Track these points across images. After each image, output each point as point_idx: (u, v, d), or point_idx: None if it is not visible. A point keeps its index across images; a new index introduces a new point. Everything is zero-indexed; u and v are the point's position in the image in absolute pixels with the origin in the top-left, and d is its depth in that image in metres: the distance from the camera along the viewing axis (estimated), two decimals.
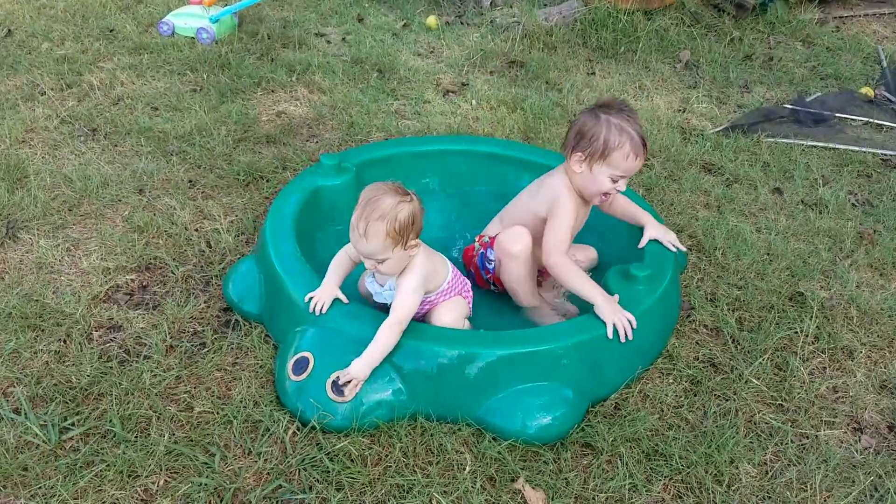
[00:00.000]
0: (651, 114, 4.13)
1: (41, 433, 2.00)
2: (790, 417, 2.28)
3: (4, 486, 1.88)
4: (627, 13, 5.15)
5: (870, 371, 2.49)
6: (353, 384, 2.07)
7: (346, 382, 2.08)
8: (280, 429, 2.09)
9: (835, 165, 3.77)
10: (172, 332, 2.40)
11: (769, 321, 2.63)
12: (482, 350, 2.14)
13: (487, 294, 2.64)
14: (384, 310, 2.32)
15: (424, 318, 2.32)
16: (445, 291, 2.30)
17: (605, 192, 2.46)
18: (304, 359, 2.16)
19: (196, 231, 2.88)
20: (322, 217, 2.83)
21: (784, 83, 4.77)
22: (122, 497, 1.87)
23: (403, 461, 2.03)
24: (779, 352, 2.52)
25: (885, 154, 3.90)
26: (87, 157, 3.25)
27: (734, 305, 2.72)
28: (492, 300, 2.62)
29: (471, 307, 2.40)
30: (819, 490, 2.04)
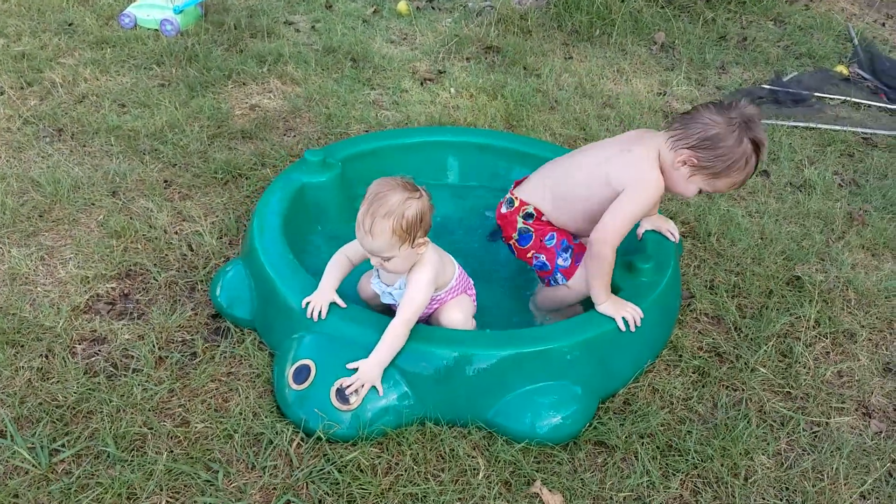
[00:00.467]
0: (632, 98, 4.08)
1: (30, 457, 1.88)
2: (800, 405, 2.26)
3: None
4: None
5: (872, 354, 2.48)
6: (364, 388, 1.99)
7: (353, 390, 1.99)
8: (284, 441, 2.00)
9: (818, 146, 3.77)
10: (160, 343, 2.28)
11: (770, 307, 2.61)
12: (490, 351, 2.07)
13: (490, 291, 2.55)
14: (387, 311, 2.24)
15: (431, 317, 2.24)
16: (453, 289, 2.23)
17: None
18: (306, 367, 2.06)
19: (176, 234, 2.76)
20: (309, 215, 2.73)
21: (760, 63, 4.77)
22: None
23: (415, 469, 1.95)
24: (782, 338, 2.50)
25: (866, 133, 3.91)
26: (55, 160, 3.09)
27: (733, 292, 2.69)
28: (498, 298, 2.55)
29: (475, 304, 2.32)
30: (835, 479, 2.02)
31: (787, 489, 1.99)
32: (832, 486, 2.00)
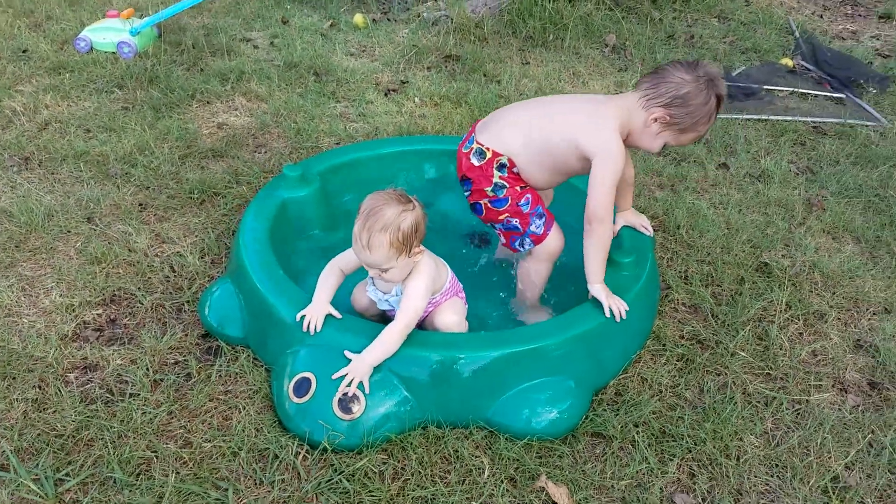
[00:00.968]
0: None
1: (36, 488, 1.86)
2: (780, 385, 2.36)
3: None
4: (552, 1, 5.21)
5: (843, 332, 2.60)
6: (354, 382, 2.02)
7: (353, 399, 2.02)
8: (289, 454, 2.02)
9: (771, 136, 3.92)
10: (154, 366, 2.28)
11: (743, 294, 2.72)
12: (484, 352, 2.12)
13: (473, 296, 2.61)
14: (382, 320, 2.27)
15: (426, 320, 2.29)
16: (447, 291, 2.28)
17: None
18: (306, 380, 2.09)
19: (157, 256, 2.75)
20: (291, 230, 2.75)
21: (708, 60, 4.92)
22: None
23: (421, 472, 1.99)
24: (757, 322, 2.61)
25: (815, 121, 4.09)
26: (25, 189, 3.05)
27: (707, 281, 2.80)
28: (482, 302, 2.60)
29: (466, 305, 2.38)
30: (821, 453, 2.13)
31: (777, 466, 2.09)
32: (818, 460, 2.11)
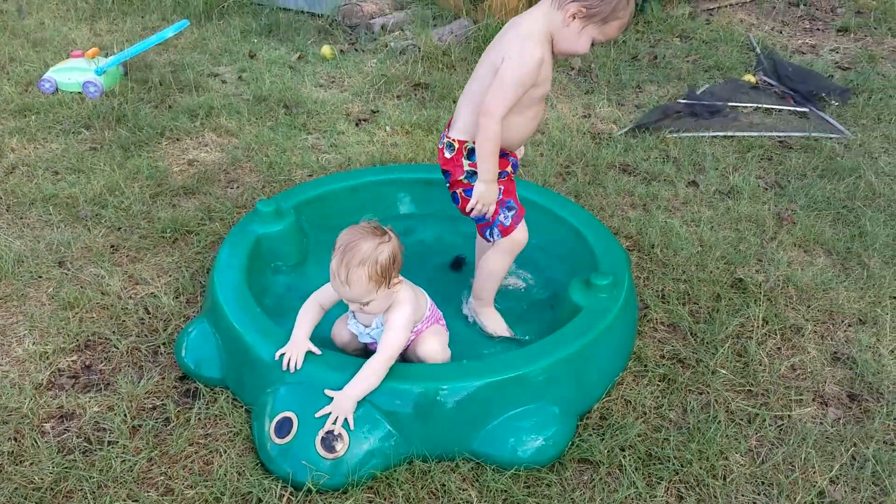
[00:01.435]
0: (561, 123, 4.23)
1: None
2: (762, 401, 2.38)
3: None
4: None
5: (820, 345, 2.63)
6: (339, 420, 2.00)
7: (337, 436, 2.00)
8: (273, 497, 1.98)
9: (738, 152, 3.98)
10: (132, 412, 2.23)
11: (720, 311, 2.74)
12: (468, 381, 2.11)
13: (453, 320, 2.61)
14: (364, 354, 2.26)
15: (408, 349, 2.27)
16: (428, 319, 2.28)
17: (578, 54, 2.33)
18: (287, 419, 2.06)
19: (131, 299, 2.71)
20: (267, 266, 2.73)
21: (673, 79, 5.01)
22: None
23: None
24: (735, 339, 2.63)
25: (781, 136, 4.16)
26: None
27: (684, 299, 2.82)
28: (462, 326, 2.60)
29: (447, 332, 2.37)
30: (805, 468, 2.14)
31: (764, 483, 2.09)
32: (803, 476, 2.12)
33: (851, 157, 3.90)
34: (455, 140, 2.41)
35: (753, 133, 4.18)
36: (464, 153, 2.40)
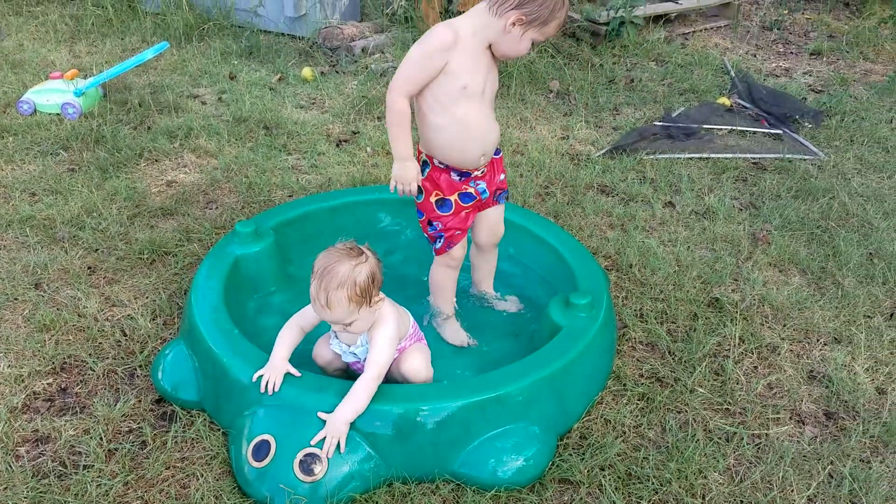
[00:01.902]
0: (540, 144, 4.27)
1: None
2: (740, 420, 2.39)
3: None
4: None
5: (796, 364, 2.66)
6: (334, 445, 2.00)
7: (315, 459, 1.99)
8: None
9: (713, 174, 4.03)
10: (108, 435, 2.21)
11: (697, 330, 2.76)
12: (448, 402, 2.11)
13: (437, 341, 2.62)
14: (346, 373, 2.25)
15: (391, 367, 2.26)
16: (411, 336, 2.28)
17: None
18: (265, 442, 2.05)
19: (108, 321, 2.69)
20: (245, 287, 2.71)
21: (649, 102, 5.07)
22: None
23: None
24: (713, 358, 2.65)
25: (755, 158, 4.22)
26: None
27: (661, 318, 2.84)
28: (444, 346, 2.61)
29: (429, 351, 2.38)
30: (783, 487, 2.15)
31: (742, 502, 2.10)
32: (781, 495, 2.13)
33: (825, 178, 3.96)
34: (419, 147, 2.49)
35: (728, 155, 4.24)
36: (418, 163, 2.45)
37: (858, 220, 3.57)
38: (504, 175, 2.62)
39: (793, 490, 2.14)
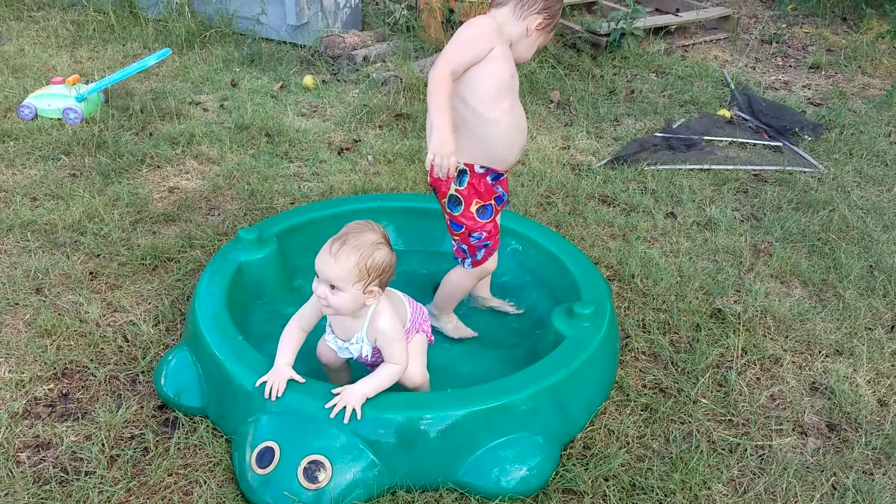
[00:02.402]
0: (541, 154, 4.28)
1: None
2: (743, 431, 2.39)
3: None
4: None
5: (798, 375, 2.66)
6: (348, 410, 2.02)
7: (319, 466, 1.98)
8: None
9: (714, 185, 4.05)
10: (110, 441, 2.20)
11: (700, 340, 2.77)
12: (452, 410, 2.10)
13: (446, 348, 2.64)
14: (347, 376, 2.28)
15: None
16: (413, 321, 2.28)
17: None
18: (269, 449, 2.04)
19: (109, 326, 2.68)
20: (248, 294, 2.71)
21: (649, 113, 5.09)
22: None
23: None
24: (716, 369, 2.65)
25: (755, 169, 4.24)
26: None
27: (664, 329, 2.84)
28: (453, 356, 2.62)
29: (431, 336, 2.38)
30: (787, 499, 2.15)
31: None
32: None
33: (825, 191, 3.98)
34: None
35: (729, 166, 4.25)
36: (453, 175, 2.40)
37: (858, 233, 3.58)
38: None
39: (796, 501, 2.14)
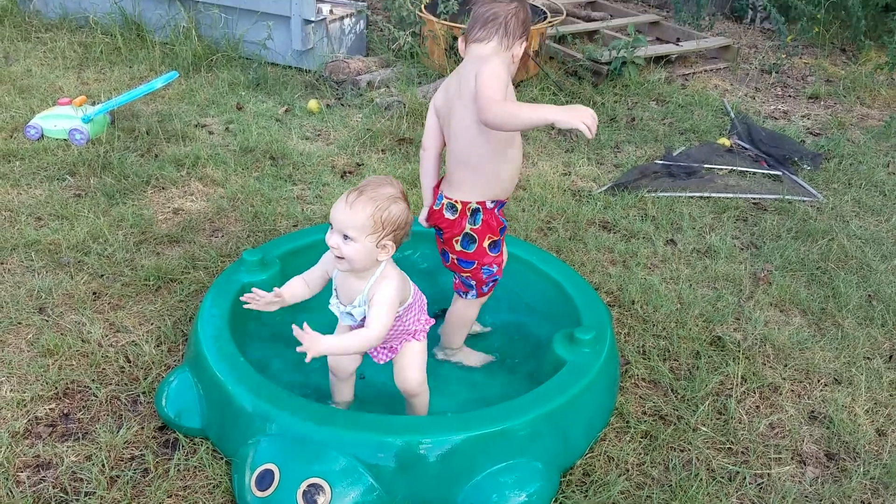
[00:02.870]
0: (542, 179, 4.31)
1: None
2: (742, 459, 2.40)
3: None
4: None
5: (797, 404, 2.67)
6: (309, 353, 1.96)
7: (319, 490, 1.98)
8: None
9: (714, 213, 4.07)
10: (110, 462, 2.20)
11: (700, 368, 2.78)
12: (451, 435, 2.11)
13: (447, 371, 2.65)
14: (349, 385, 2.29)
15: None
16: (411, 306, 2.26)
17: None
18: (269, 472, 2.04)
19: (111, 346, 2.69)
20: (251, 316, 2.71)
21: (650, 140, 5.13)
22: None
23: None
24: (715, 396, 2.66)
25: (755, 198, 4.27)
26: None
27: (664, 356, 2.85)
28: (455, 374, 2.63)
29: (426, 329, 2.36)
30: None
31: None
32: None
33: (824, 220, 4.01)
34: (457, 201, 2.43)
35: (729, 194, 4.28)
36: (467, 214, 2.43)
37: (857, 262, 3.60)
38: None
39: None
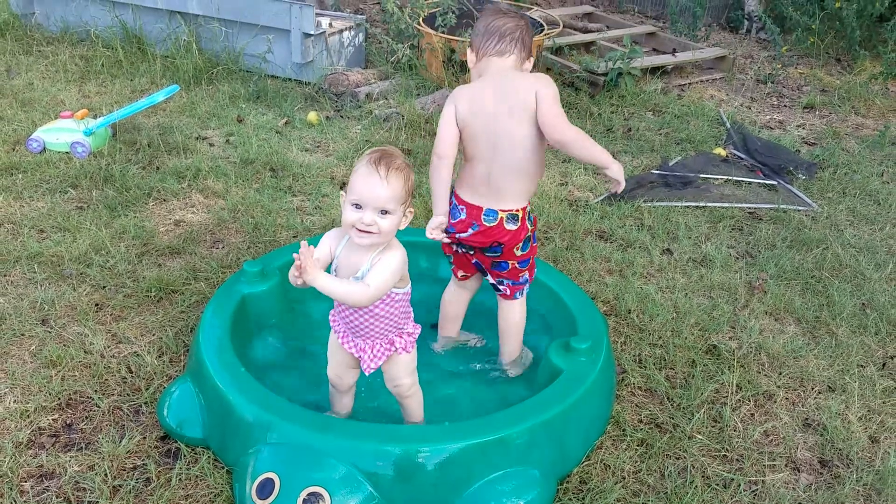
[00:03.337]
0: (539, 189, 4.35)
1: None
2: (737, 467, 2.43)
3: None
4: None
5: (791, 412, 2.70)
6: (301, 276, 1.98)
7: (319, 498, 2.01)
8: None
9: (710, 222, 4.11)
10: (113, 472, 2.23)
11: (695, 376, 2.81)
12: (449, 443, 2.14)
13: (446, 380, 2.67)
14: (349, 396, 2.32)
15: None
16: (408, 294, 2.26)
17: None
18: (269, 480, 2.07)
19: (114, 357, 2.72)
20: (252, 326, 2.76)
21: (646, 151, 5.17)
22: None
23: None
24: (711, 404, 2.69)
25: (751, 207, 4.31)
26: None
27: (660, 364, 2.88)
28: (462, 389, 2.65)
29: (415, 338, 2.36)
30: None
31: None
32: None
33: (819, 229, 4.05)
34: (518, 209, 2.52)
35: (724, 204, 4.33)
36: (528, 218, 2.56)
37: (851, 271, 3.64)
38: None
39: None
